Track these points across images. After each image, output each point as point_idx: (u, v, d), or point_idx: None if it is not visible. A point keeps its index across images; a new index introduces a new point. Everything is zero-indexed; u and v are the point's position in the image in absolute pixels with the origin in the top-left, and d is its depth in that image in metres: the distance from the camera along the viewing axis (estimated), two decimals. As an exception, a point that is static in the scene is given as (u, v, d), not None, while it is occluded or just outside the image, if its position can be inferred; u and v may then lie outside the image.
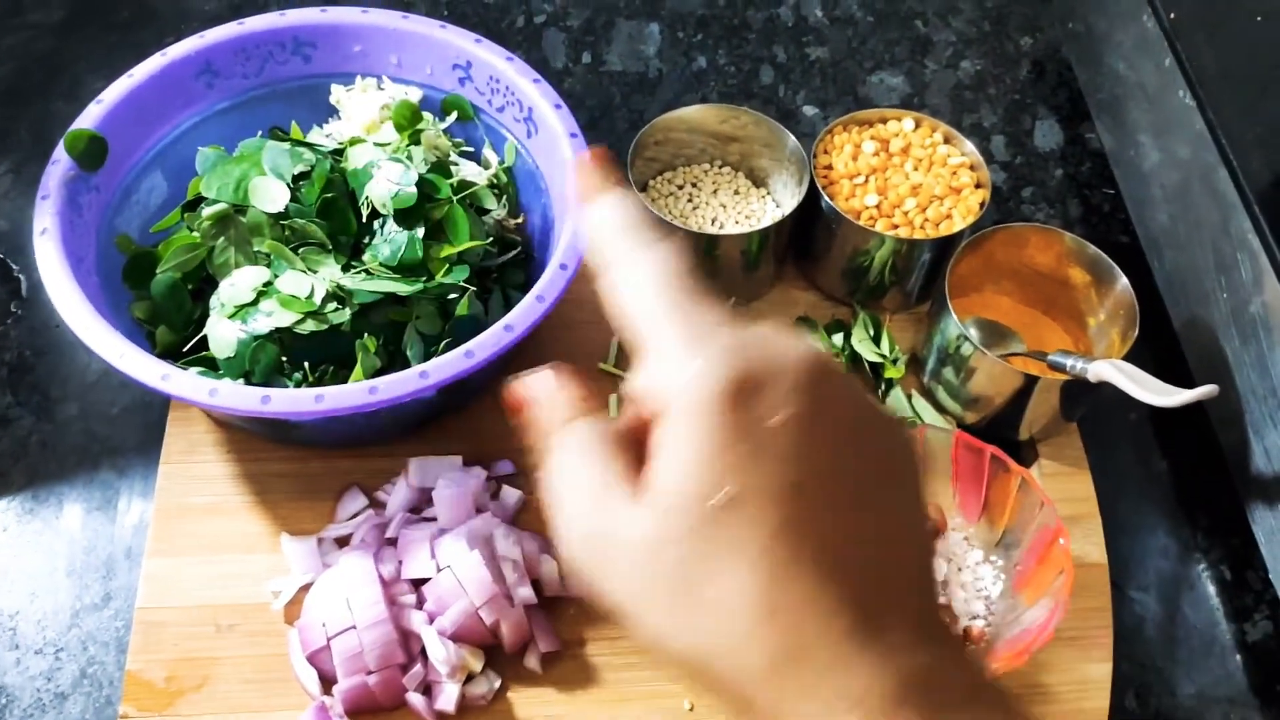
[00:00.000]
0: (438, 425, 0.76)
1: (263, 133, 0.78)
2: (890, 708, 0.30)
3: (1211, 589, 0.75)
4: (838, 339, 0.79)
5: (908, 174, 0.80)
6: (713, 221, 0.83)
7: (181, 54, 0.75)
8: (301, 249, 0.69)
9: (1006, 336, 0.78)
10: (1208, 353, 0.74)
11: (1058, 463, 0.77)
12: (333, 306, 0.67)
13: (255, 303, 0.67)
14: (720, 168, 0.86)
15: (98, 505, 0.74)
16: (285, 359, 0.67)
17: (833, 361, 0.33)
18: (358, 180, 0.71)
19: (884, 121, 0.83)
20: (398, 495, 0.71)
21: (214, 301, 0.69)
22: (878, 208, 0.79)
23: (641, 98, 0.98)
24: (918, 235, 0.78)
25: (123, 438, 0.76)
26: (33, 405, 0.78)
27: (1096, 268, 0.75)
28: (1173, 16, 0.79)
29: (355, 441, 0.74)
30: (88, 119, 0.71)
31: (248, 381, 0.66)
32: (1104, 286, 0.76)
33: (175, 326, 0.70)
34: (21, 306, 0.82)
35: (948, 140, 0.82)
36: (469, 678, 0.65)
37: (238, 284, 0.68)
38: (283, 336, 0.66)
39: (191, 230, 0.71)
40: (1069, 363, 0.70)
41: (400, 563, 0.67)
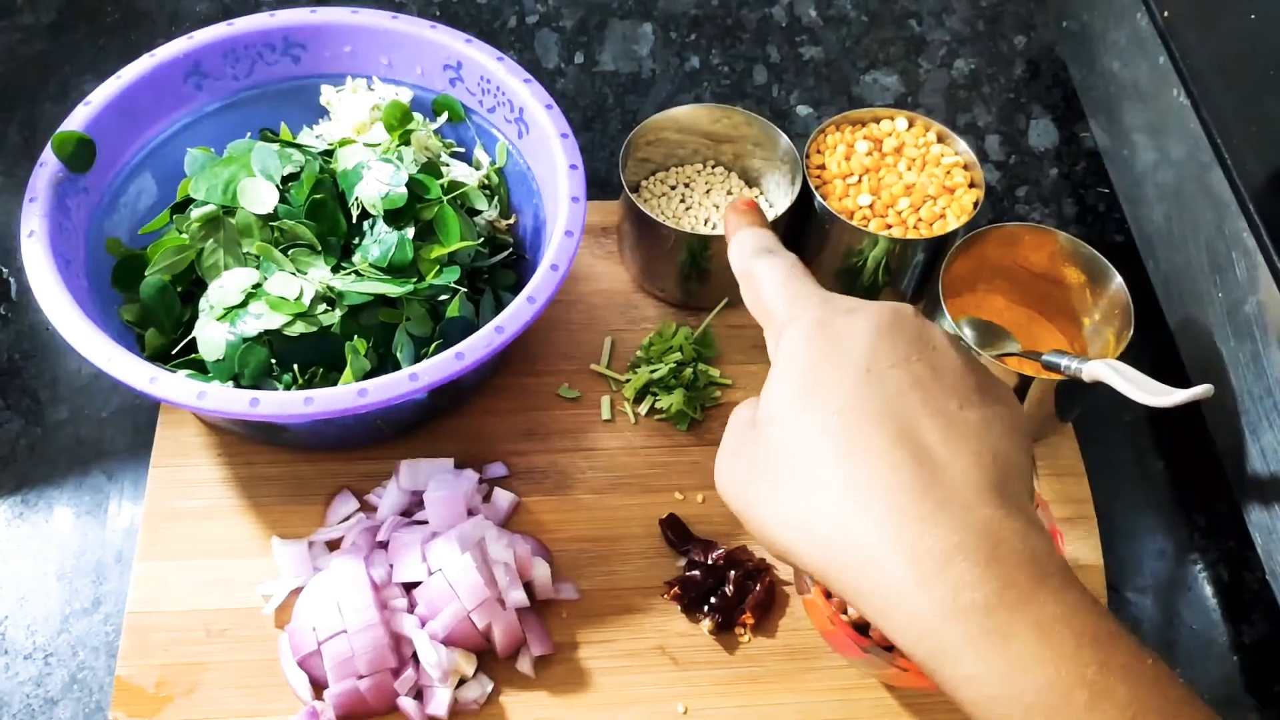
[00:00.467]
0: (429, 427, 0.75)
1: (252, 134, 0.77)
2: (944, 558, 0.35)
3: (1208, 590, 0.75)
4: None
5: (901, 174, 0.80)
6: (705, 222, 0.82)
7: (170, 55, 0.75)
8: (291, 250, 0.69)
9: (1001, 337, 0.78)
10: (1203, 353, 0.74)
11: (1053, 464, 0.77)
12: (322, 308, 0.67)
13: (244, 305, 0.67)
14: (713, 168, 0.86)
15: (88, 509, 0.73)
16: (274, 361, 0.66)
17: (910, 308, 0.42)
18: (347, 181, 0.71)
19: (877, 121, 0.82)
20: (389, 498, 0.71)
21: (203, 304, 0.69)
22: (871, 207, 0.78)
23: (635, 98, 0.98)
24: (911, 235, 0.78)
25: (113, 441, 0.76)
26: (22, 409, 0.77)
27: (1091, 267, 0.75)
28: (1166, 15, 0.79)
29: (346, 444, 0.74)
30: (76, 121, 0.71)
31: (237, 384, 0.66)
32: (1099, 286, 0.75)
33: (164, 329, 0.70)
34: (10, 309, 0.81)
35: (941, 140, 0.81)
36: (461, 682, 0.65)
37: (227, 286, 0.68)
38: (272, 339, 0.66)
39: (180, 232, 0.70)
40: (1064, 363, 0.70)
41: (391, 566, 0.66)
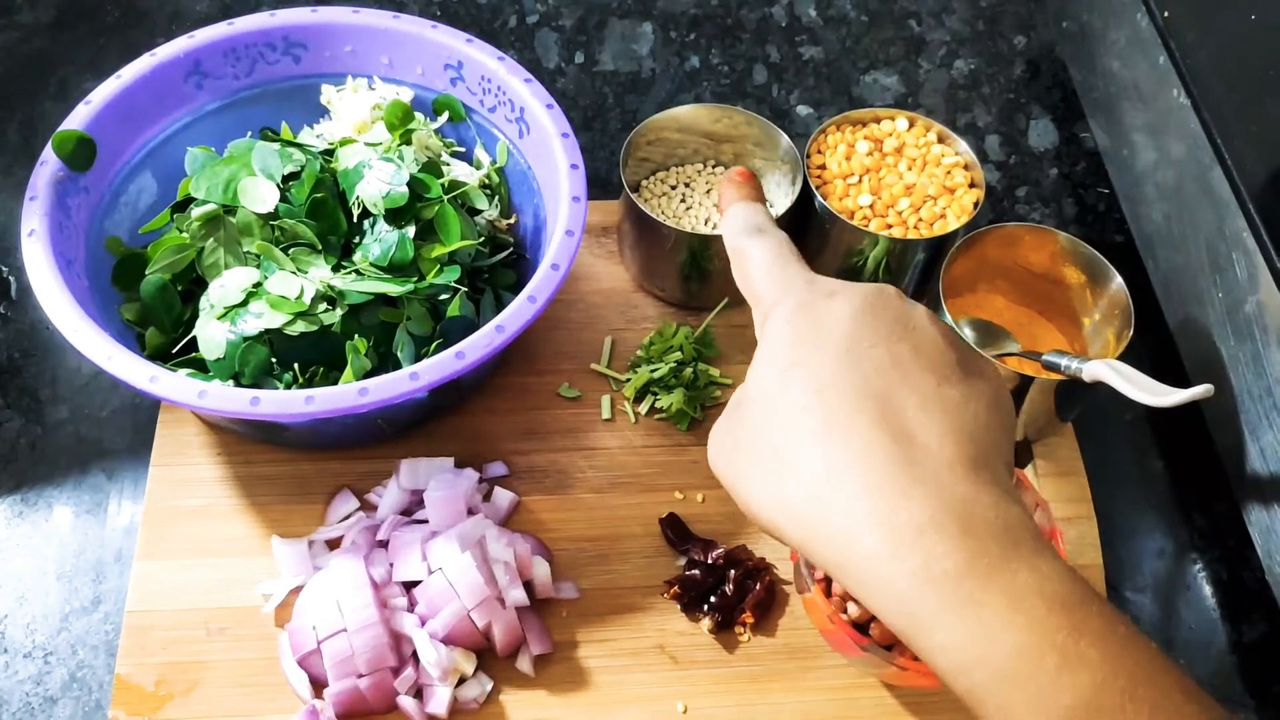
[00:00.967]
0: (429, 427, 0.75)
1: (253, 133, 0.78)
2: (918, 529, 0.36)
3: (1208, 590, 0.75)
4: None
5: (901, 174, 0.80)
6: (706, 222, 0.82)
7: (171, 55, 0.75)
8: (291, 249, 0.69)
9: (1001, 337, 0.78)
10: (1203, 352, 0.74)
11: (1053, 464, 0.77)
12: (323, 307, 0.67)
13: (245, 304, 0.67)
14: (713, 168, 0.86)
15: (87, 508, 0.73)
16: (275, 360, 0.66)
17: (893, 289, 0.43)
18: (348, 180, 0.71)
19: (877, 121, 0.82)
20: (389, 497, 0.71)
21: (203, 303, 0.69)
22: (871, 207, 0.78)
23: (635, 98, 0.98)
24: (911, 235, 0.78)
25: (113, 440, 0.76)
26: (22, 408, 0.77)
27: (1091, 267, 0.75)
28: (1166, 15, 0.79)
29: (346, 443, 0.74)
30: (76, 120, 0.71)
31: (237, 383, 0.66)
32: (1099, 286, 0.75)
33: (165, 328, 0.70)
34: (10, 309, 0.81)
35: (941, 140, 0.81)
36: (461, 680, 0.65)
37: (227, 285, 0.68)
38: (272, 338, 0.66)
39: (181, 231, 0.70)
40: (1064, 363, 0.70)
41: (391, 565, 0.66)
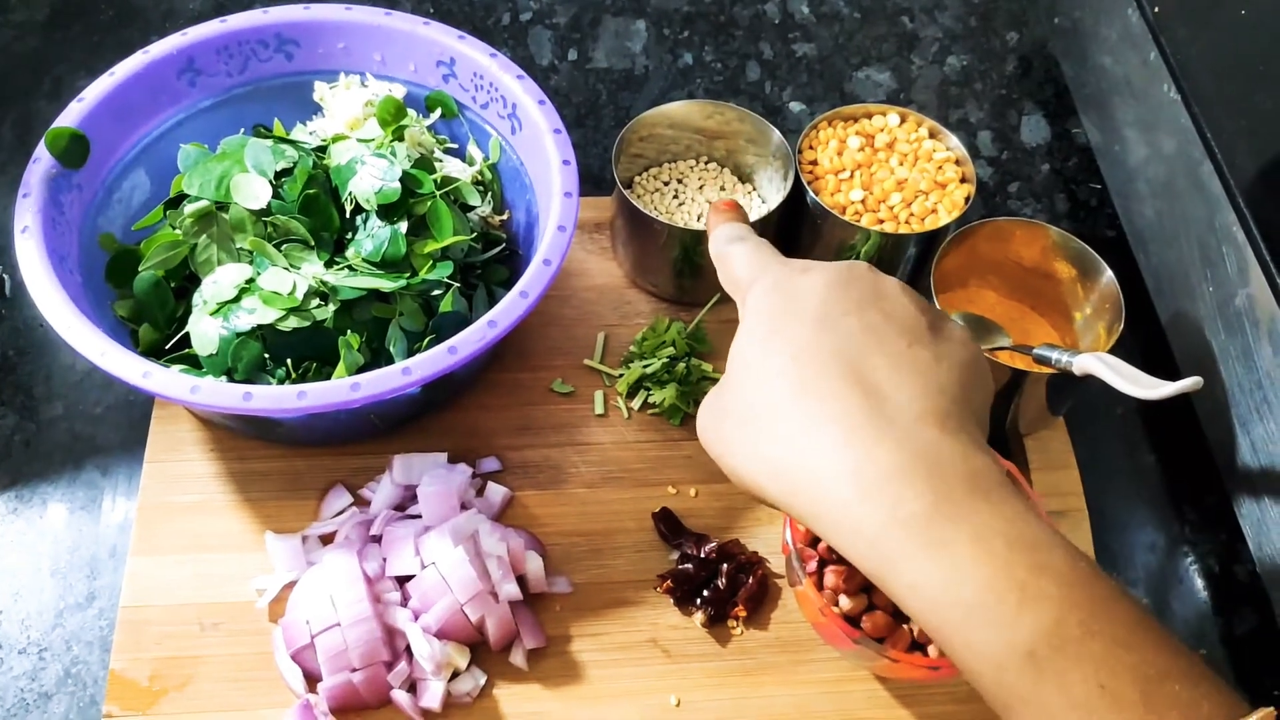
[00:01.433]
0: (423, 422, 0.75)
1: (246, 130, 0.78)
2: (886, 476, 0.38)
3: (1199, 582, 0.75)
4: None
5: (893, 169, 0.80)
6: (698, 218, 0.82)
7: (164, 52, 0.75)
8: (284, 245, 0.69)
9: (992, 331, 0.78)
10: (1194, 346, 0.74)
11: (1044, 457, 0.77)
12: (315, 303, 0.67)
13: (237, 299, 0.67)
14: (706, 164, 0.86)
15: (82, 504, 0.73)
16: (268, 356, 0.66)
17: (864, 264, 0.46)
18: (340, 176, 0.71)
19: (869, 116, 0.82)
20: (382, 492, 0.71)
21: (196, 299, 0.69)
22: (863, 203, 0.78)
23: (628, 94, 0.98)
24: (903, 230, 0.78)
25: (107, 437, 0.76)
26: (16, 405, 0.77)
27: (1081, 261, 0.75)
28: (1157, 10, 0.79)
29: (340, 439, 0.74)
30: (69, 117, 0.71)
31: (230, 379, 0.66)
32: (1089, 280, 0.76)
33: (158, 324, 0.70)
34: (4, 306, 0.82)
35: (933, 135, 0.82)
36: (454, 675, 0.65)
37: (220, 281, 0.68)
38: (265, 333, 0.66)
39: (174, 228, 0.71)
40: (1054, 356, 0.70)
41: (385, 560, 0.67)
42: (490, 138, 0.78)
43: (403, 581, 0.66)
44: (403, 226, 0.69)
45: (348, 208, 0.71)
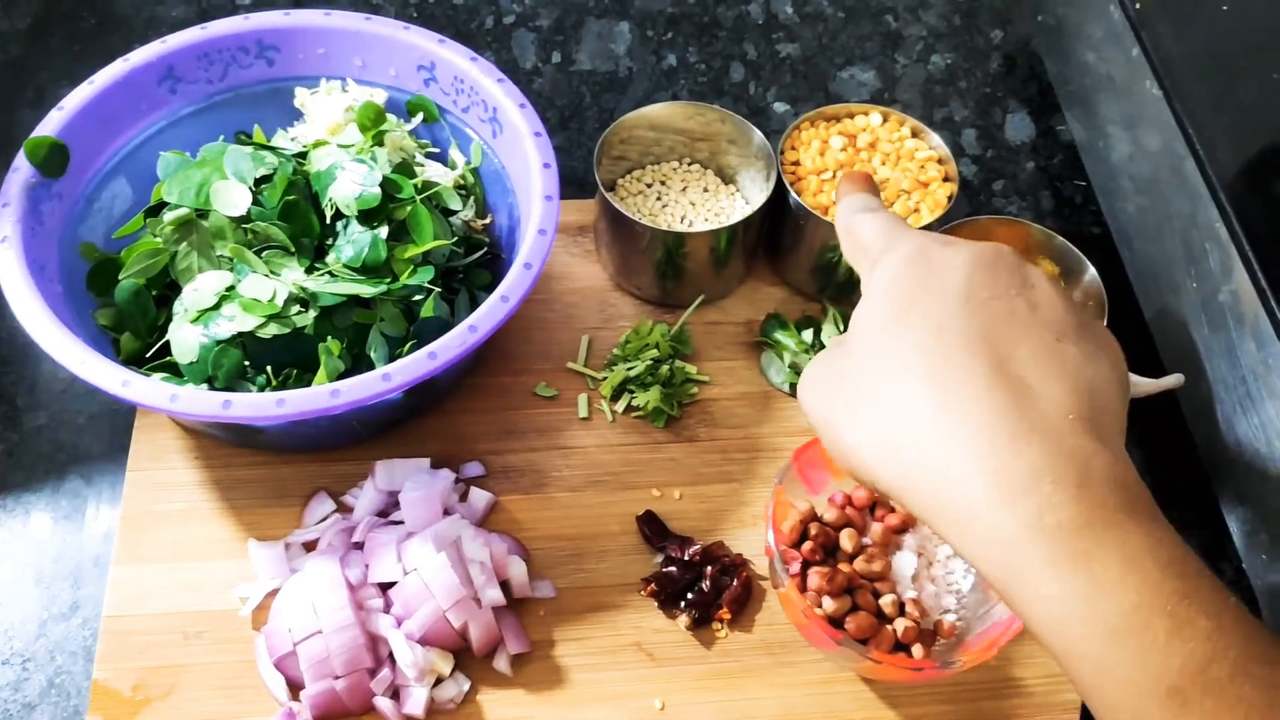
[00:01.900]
0: (406, 428, 0.75)
1: (227, 137, 0.78)
2: (1034, 476, 0.35)
3: (1185, 579, 0.75)
4: (808, 335, 0.79)
5: (875, 169, 0.80)
6: (682, 219, 0.82)
7: (143, 60, 0.75)
8: (264, 252, 0.69)
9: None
10: (1178, 343, 0.74)
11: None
12: (296, 309, 0.67)
13: (218, 307, 0.67)
14: (689, 165, 0.86)
15: (65, 514, 0.73)
16: (248, 363, 0.66)
17: (1008, 247, 0.42)
18: (320, 182, 0.71)
19: (851, 116, 0.82)
20: (365, 499, 0.71)
21: (177, 307, 0.69)
22: (846, 203, 0.78)
23: (612, 96, 0.98)
24: (886, 230, 0.78)
25: (90, 446, 0.76)
26: (0, 414, 0.77)
27: (1064, 259, 0.75)
28: (1139, 7, 0.79)
29: (322, 446, 0.74)
30: (49, 126, 0.71)
31: (211, 387, 0.66)
32: (1073, 277, 0.75)
33: (140, 333, 0.70)
34: (-12, 316, 0.81)
35: (915, 134, 0.81)
36: (438, 681, 0.65)
37: (200, 289, 0.68)
38: (246, 340, 0.66)
39: (154, 236, 0.70)
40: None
41: (367, 566, 0.67)
42: (472, 142, 0.78)
43: (385, 588, 0.66)
44: (383, 231, 0.69)
45: (328, 213, 0.71)
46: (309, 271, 0.69)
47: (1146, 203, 0.79)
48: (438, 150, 0.80)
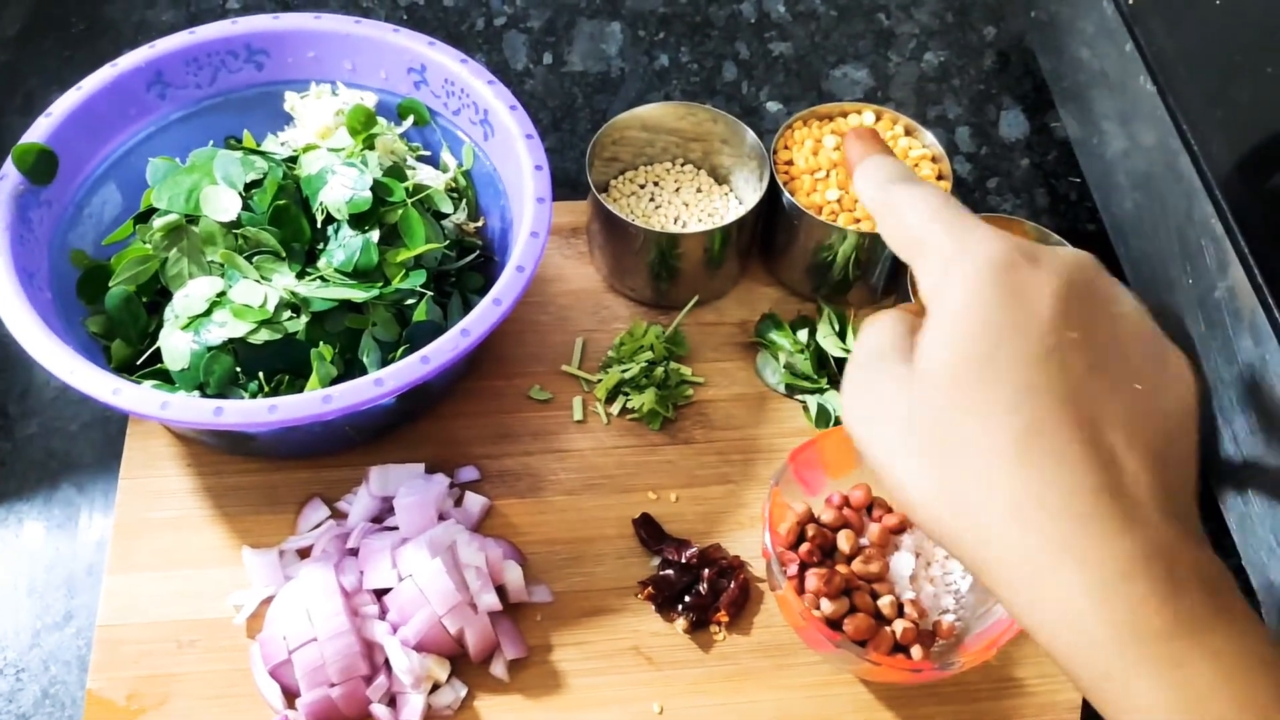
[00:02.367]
0: (400, 433, 0.75)
1: (217, 142, 0.77)
2: (1124, 575, 0.32)
3: (1184, 577, 0.75)
4: (803, 335, 0.78)
5: (869, 167, 0.79)
6: (675, 220, 0.82)
7: (132, 65, 0.75)
8: (255, 257, 0.68)
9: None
10: (1174, 339, 0.74)
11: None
12: (287, 315, 0.66)
13: (209, 313, 0.66)
14: (682, 166, 0.85)
15: (58, 523, 0.73)
16: (240, 369, 0.66)
17: (1092, 258, 0.37)
18: (311, 187, 0.70)
19: (844, 115, 0.82)
20: (359, 505, 0.70)
21: (168, 313, 0.68)
22: (839, 202, 0.78)
23: (604, 97, 0.98)
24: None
25: (82, 454, 0.75)
26: (-9, 423, 0.77)
27: (1060, 256, 0.75)
28: (1132, 2, 0.79)
29: (315, 452, 0.74)
30: (37, 132, 0.70)
31: (203, 393, 0.66)
32: (1068, 275, 0.75)
33: (130, 340, 0.70)
34: (-22, 324, 0.81)
35: (909, 133, 0.81)
36: (434, 688, 0.64)
37: (191, 295, 0.67)
38: (237, 347, 0.65)
39: (144, 242, 0.70)
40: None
41: (362, 573, 0.66)
42: (463, 144, 0.78)
43: (380, 594, 0.66)
44: (374, 236, 0.69)
45: (319, 218, 0.70)
46: (300, 276, 0.68)
47: (1141, 199, 0.79)
48: (429, 153, 0.79)
